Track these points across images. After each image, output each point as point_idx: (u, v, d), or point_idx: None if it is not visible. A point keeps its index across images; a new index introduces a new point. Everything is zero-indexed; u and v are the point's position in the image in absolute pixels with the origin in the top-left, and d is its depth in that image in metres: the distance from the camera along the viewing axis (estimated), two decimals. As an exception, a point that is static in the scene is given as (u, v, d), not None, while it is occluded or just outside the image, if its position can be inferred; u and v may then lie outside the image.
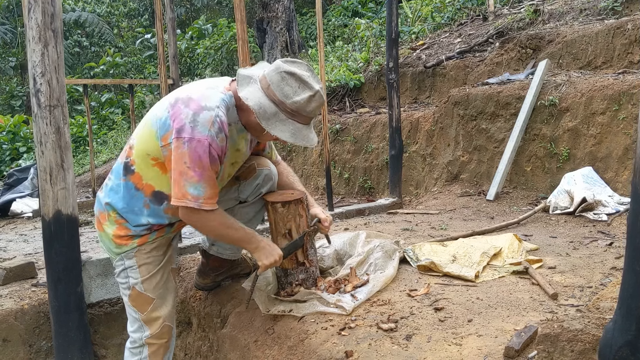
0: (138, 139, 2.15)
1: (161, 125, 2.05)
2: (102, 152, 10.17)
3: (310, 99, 2.01)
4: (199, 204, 2.00)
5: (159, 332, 2.29)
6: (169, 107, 2.06)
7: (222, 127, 2.01)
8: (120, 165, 2.21)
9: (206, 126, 1.96)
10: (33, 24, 2.45)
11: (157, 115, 2.09)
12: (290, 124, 2.02)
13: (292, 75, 2.00)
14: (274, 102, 2.00)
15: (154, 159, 2.10)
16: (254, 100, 1.99)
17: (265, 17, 9.96)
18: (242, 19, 3.61)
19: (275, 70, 2.02)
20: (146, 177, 2.14)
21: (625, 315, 1.34)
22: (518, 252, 2.71)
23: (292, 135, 2.02)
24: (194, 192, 1.98)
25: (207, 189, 2.00)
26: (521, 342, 1.68)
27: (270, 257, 2.17)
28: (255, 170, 2.38)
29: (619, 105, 4.06)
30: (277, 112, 2.00)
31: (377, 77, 6.85)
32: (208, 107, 2.00)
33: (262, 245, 2.18)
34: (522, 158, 4.58)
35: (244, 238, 2.18)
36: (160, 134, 2.05)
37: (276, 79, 2.00)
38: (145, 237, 2.23)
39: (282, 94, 2.00)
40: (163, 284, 2.30)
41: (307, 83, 2.01)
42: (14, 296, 2.89)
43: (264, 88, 2.02)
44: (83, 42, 15.99)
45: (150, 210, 2.18)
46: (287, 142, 2.10)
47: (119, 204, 2.19)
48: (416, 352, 1.82)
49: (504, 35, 6.05)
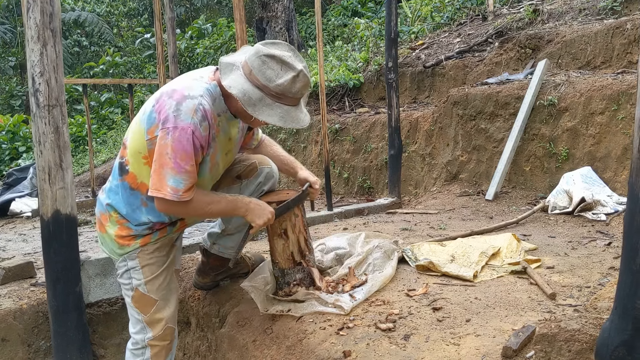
0: (131, 137, 2.15)
1: (147, 120, 2.05)
2: (102, 151, 10.16)
3: (295, 80, 1.97)
4: (178, 197, 1.98)
5: (161, 334, 2.28)
6: (154, 101, 2.07)
7: (206, 115, 1.99)
8: (117, 165, 2.21)
9: (189, 114, 1.96)
10: (32, 24, 2.45)
11: (145, 111, 2.10)
12: (278, 107, 1.99)
13: (273, 58, 1.96)
14: (258, 87, 1.97)
15: (144, 157, 2.10)
16: (238, 87, 1.96)
17: (265, 16, 9.95)
18: (242, 19, 3.62)
19: (255, 55, 1.98)
20: (140, 176, 2.13)
21: (621, 314, 1.34)
22: (517, 252, 2.71)
23: (280, 118, 1.99)
24: (173, 184, 1.97)
25: (186, 181, 1.98)
26: (519, 342, 1.68)
27: (262, 216, 2.14)
28: (256, 168, 2.39)
29: (618, 105, 4.06)
30: (263, 97, 1.97)
31: (376, 76, 6.85)
32: (191, 95, 1.99)
33: (251, 206, 2.15)
34: (521, 158, 4.58)
35: (229, 207, 2.15)
36: (146, 128, 2.05)
37: (257, 64, 1.97)
38: (148, 237, 2.21)
39: (265, 78, 1.96)
40: (166, 285, 2.28)
41: (288, 64, 1.97)
42: (12, 296, 2.89)
43: (246, 74, 1.99)
44: (83, 41, 15.98)
45: (149, 208, 2.17)
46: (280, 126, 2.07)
47: (119, 205, 2.19)
48: (414, 352, 1.82)
49: (503, 35, 6.05)
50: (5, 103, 14.76)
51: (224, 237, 2.51)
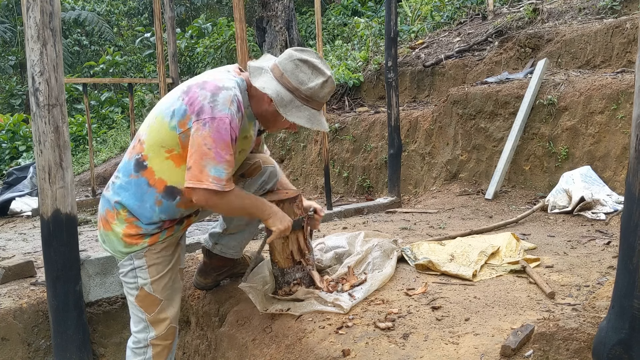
0: (148, 133, 2.13)
1: (176, 113, 2.04)
2: (102, 151, 10.16)
3: (324, 85, 2.08)
4: (221, 186, 1.98)
5: (164, 334, 2.27)
6: (183, 94, 2.07)
7: (240, 107, 2.04)
8: (130, 162, 2.16)
9: (226, 105, 1.98)
10: (32, 23, 2.46)
11: (169, 105, 2.08)
12: (306, 110, 2.08)
13: (306, 63, 2.06)
14: (289, 89, 2.06)
15: (168, 151, 2.08)
16: (272, 88, 2.04)
17: (265, 16, 9.94)
18: (241, 18, 3.62)
19: (288, 59, 2.08)
20: (159, 171, 2.11)
21: (618, 313, 1.35)
22: (516, 251, 2.71)
23: (308, 120, 2.08)
24: (215, 174, 1.96)
25: (227, 170, 2.00)
26: (518, 341, 1.69)
27: (284, 221, 2.19)
28: (260, 167, 2.40)
29: (617, 105, 4.06)
30: (293, 99, 2.06)
31: (376, 76, 6.85)
32: (226, 87, 2.03)
33: (274, 210, 2.20)
34: (521, 157, 4.58)
35: (259, 206, 2.18)
36: (176, 122, 2.04)
37: (290, 67, 2.06)
38: (156, 236, 2.19)
39: (297, 81, 2.05)
40: (171, 284, 2.28)
41: (319, 69, 2.07)
42: (12, 295, 2.89)
43: (277, 77, 2.07)
44: (83, 40, 15.98)
45: (163, 206, 2.14)
46: (296, 129, 2.16)
47: (130, 202, 2.15)
48: (413, 350, 1.82)
49: (503, 34, 6.05)
50: (5, 102, 14.76)
51: (226, 237, 2.51)
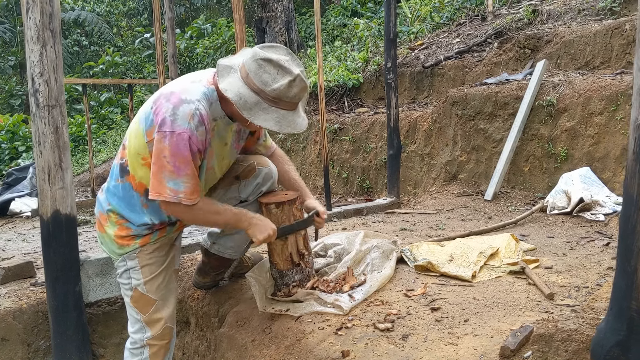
0: (129, 138, 2.16)
1: (145, 121, 2.06)
2: (101, 151, 10.17)
3: (291, 84, 1.95)
4: (178, 199, 1.99)
5: (160, 334, 2.29)
6: (153, 103, 2.07)
7: (202, 121, 1.99)
8: (117, 167, 2.21)
9: (185, 119, 1.96)
10: (31, 24, 2.46)
11: (144, 111, 2.10)
12: (274, 112, 1.97)
13: (269, 62, 1.94)
14: (254, 90, 1.95)
15: (143, 158, 2.10)
16: (234, 91, 1.95)
17: (265, 16, 9.95)
18: (241, 19, 3.62)
19: (252, 58, 1.97)
20: (138, 176, 2.14)
21: (616, 315, 1.35)
22: (515, 252, 2.71)
23: (276, 123, 1.98)
24: (173, 186, 1.98)
25: (187, 184, 1.99)
26: (517, 342, 1.69)
27: (264, 231, 2.16)
28: (255, 169, 2.38)
29: (616, 106, 4.07)
30: (259, 101, 1.95)
31: (375, 77, 6.85)
32: (188, 100, 1.99)
33: (254, 222, 2.17)
34: (520, 158, 4.59)
35: (232, 219, 2.17)
36: (145, 130, 2.06)
37: (254, 67, 1.95)
38: (148, 237, 2.22)
39: (261, 82, 1.94)
40: (165, 285, 2.29)
41: (285, 68, 1.95)
42: (12, 295, 2.89)
43: (243, 77, 1.98)
44: (82, 41, 15.98)
45: (150, 209, 2.18)
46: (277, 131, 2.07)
47: (119, 206, 2.20)
48: (412, 351, 1.83)
49: (503, 35, 6.05)
50: (4, 102, 14.76)
51: (224, 237, 2.51)
